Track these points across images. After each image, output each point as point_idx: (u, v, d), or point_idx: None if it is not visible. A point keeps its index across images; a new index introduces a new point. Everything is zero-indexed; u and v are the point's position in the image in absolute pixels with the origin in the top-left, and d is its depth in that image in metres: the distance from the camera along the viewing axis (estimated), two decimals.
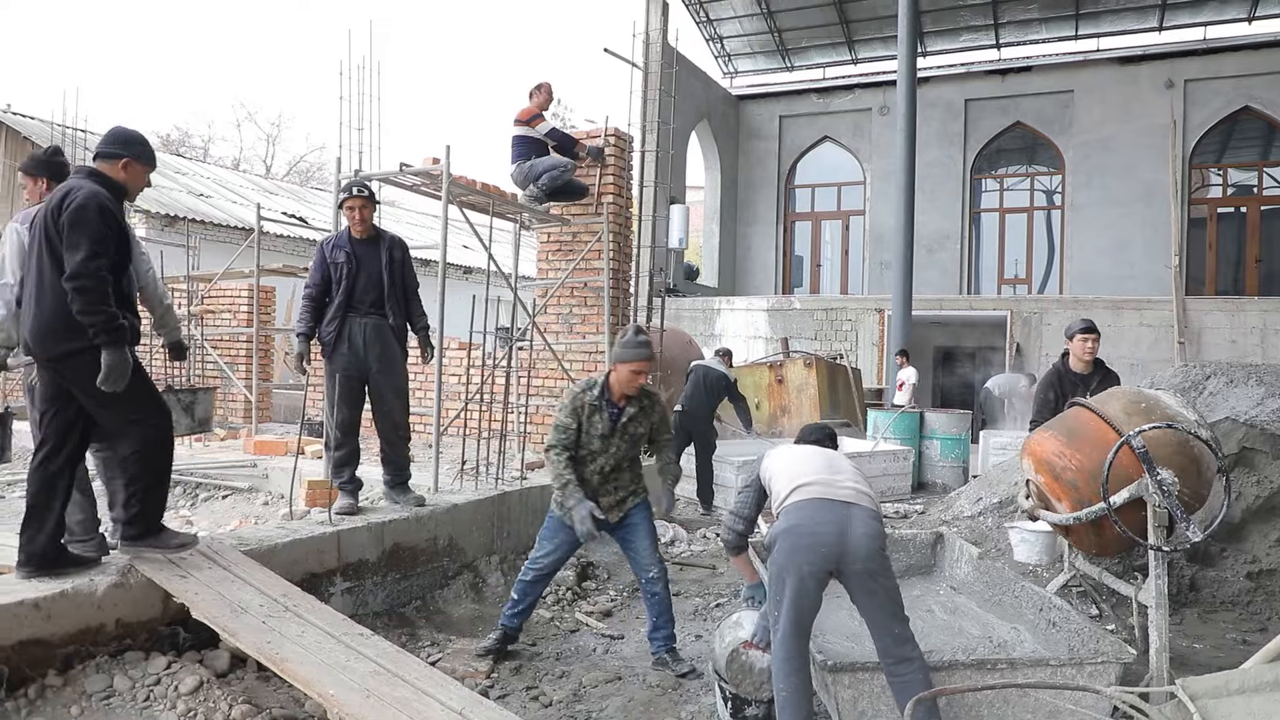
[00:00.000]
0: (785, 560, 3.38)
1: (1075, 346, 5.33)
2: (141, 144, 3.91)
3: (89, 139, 14.53)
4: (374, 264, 5.21)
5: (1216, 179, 17.80)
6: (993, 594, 5.15)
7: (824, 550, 3.33)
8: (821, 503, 3.42)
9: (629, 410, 4.40)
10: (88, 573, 3.72)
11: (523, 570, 4.56)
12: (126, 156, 3.81)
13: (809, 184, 20.93)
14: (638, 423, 4.44)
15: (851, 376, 12.71)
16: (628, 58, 8.90)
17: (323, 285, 5.17)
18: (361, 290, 5.17)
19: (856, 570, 3.33)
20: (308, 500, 5.41)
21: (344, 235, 5.26)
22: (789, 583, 3.35)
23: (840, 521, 3.35)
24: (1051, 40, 19.22)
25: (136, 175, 3.86)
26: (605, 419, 4.37)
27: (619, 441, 4.41)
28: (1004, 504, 6.98)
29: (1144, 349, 14.10)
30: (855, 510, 3.38)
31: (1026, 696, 3.70)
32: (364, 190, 5.22)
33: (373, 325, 5.19)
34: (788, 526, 3.43)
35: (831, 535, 3.33)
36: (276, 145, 41.39)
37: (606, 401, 4.38)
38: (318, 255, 5.22)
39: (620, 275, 8.16)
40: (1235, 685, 2.81)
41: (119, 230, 3.67)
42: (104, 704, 3.38)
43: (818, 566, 3.34)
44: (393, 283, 5.25)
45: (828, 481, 3.49)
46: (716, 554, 6.96)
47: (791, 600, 3.35)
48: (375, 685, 3.23)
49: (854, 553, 3.31)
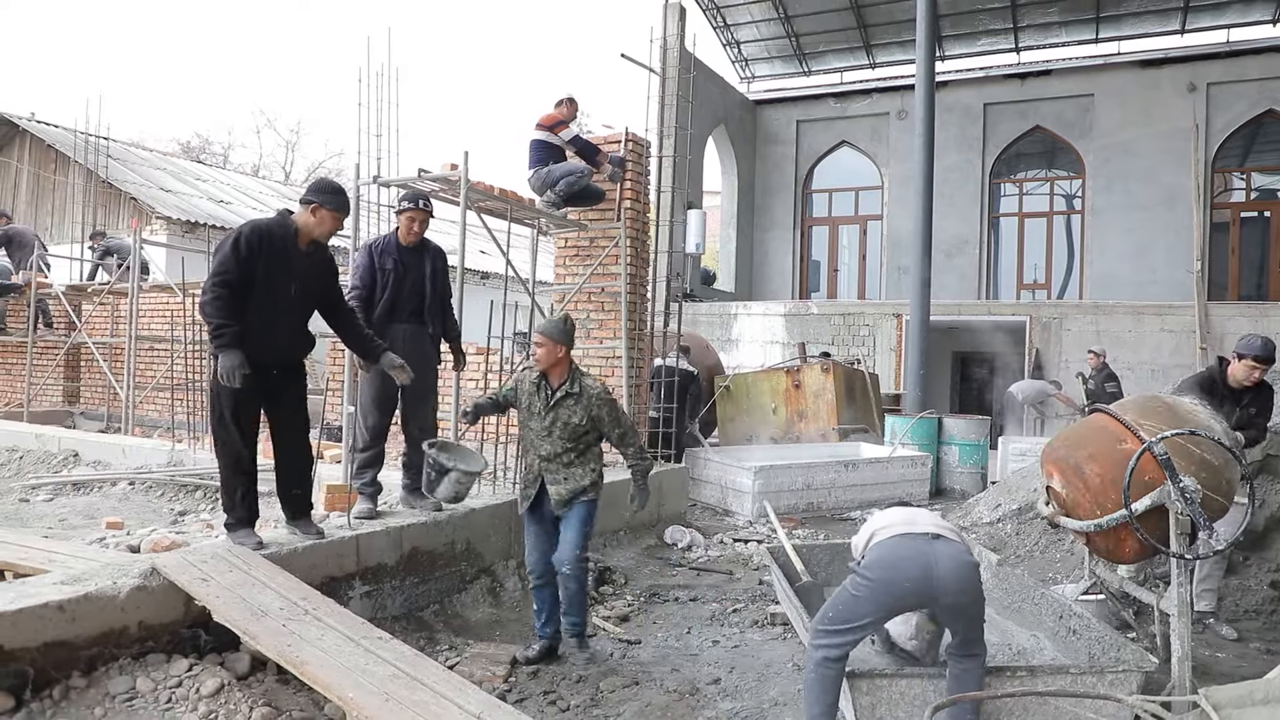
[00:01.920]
0: (864, 586, 3.44)
1: (1239, 369, 4.93)
2: (332, 193, 4.43)
3: (111, 146, 14.73)
4: (419, 272, 5.37)
5: (1239, 183, 17.61)
6: (1012, 601, 5.12)
7: (909, 586, 3.40)
8: (905, 538, 3.49)
9: (559, 393, 4.49)
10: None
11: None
12: (315, 202, 4.36)
13: (826, 189, 20.88)
14: (570, 410, 4.49)
15: (869, 382, 12.64)
16: (645, 63, 8.92)
17: (371, 287, 5.28)
18: (405, 298, 5.33)
19: (949, 603, 3.43)
20: (326, 504, 5.45)
21: (391, 241, 5.39)
22: (862, 604, 3.43)
23: (925, 558, 3.40)
24: (1071, 43, 19.07)
25: (323, 220, 4.37)
26: (541, 398, 4.51)
27: (552, 423, 4.49)
28: (1023, 510, 6.94)
29: (1165, 355, 13.97)
30: (940, 544, 3.45)
31: (1046, 704, 3.68)
32: (428, 205, 5.47)
33: (412, 332, 5.35)
34: (876, 559, 3.50)
35: (917, 572, 3.39)
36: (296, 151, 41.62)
37: (545, 382, 4.53)
38: (365, 258, 5.33)
39: (637, 280, 8.17)
40: (1260, 695, 2.78)
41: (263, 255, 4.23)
42: (127, 705, 3.42)
43: (895, 600, 3.45)
44: (434, 292, 5.43)
45: (910, 521, 3.58)
46: (733, 559, 6.96)
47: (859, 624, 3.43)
48: (394, 689, 3.24)
49: (945, 587, 3.39)
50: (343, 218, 4.45)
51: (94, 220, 14.25)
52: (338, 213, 4.39)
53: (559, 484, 4.50)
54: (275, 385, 4.41)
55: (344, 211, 4.44)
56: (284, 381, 4.47)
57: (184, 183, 17.43)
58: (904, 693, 3.66)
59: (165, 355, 11.13)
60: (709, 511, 8.88)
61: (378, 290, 5.26)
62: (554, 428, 4.49)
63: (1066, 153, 18.50)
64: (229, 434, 4.30)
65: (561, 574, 4.50)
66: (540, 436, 4.51)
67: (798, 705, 4.03)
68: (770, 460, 9.16)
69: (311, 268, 4.46)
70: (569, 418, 4.50)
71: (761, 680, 4.39)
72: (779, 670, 4.52)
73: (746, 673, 4.49)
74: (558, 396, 4.49)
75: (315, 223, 4.38)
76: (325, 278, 4.57)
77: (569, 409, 4.50)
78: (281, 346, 4.40)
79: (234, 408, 4.25)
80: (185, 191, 16.65)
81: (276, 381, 4.41)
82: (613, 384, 7.98)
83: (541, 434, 4.50)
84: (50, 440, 9.32)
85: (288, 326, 4.40)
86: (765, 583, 6.15)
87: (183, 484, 7.60)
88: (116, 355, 11.66)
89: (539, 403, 4.51)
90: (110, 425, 10.98)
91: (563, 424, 4.49)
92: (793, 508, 8.73)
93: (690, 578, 6.36)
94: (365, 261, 5.31)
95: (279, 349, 4.40)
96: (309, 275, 4.44)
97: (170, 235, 13.85)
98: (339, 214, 4.40)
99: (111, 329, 12.30)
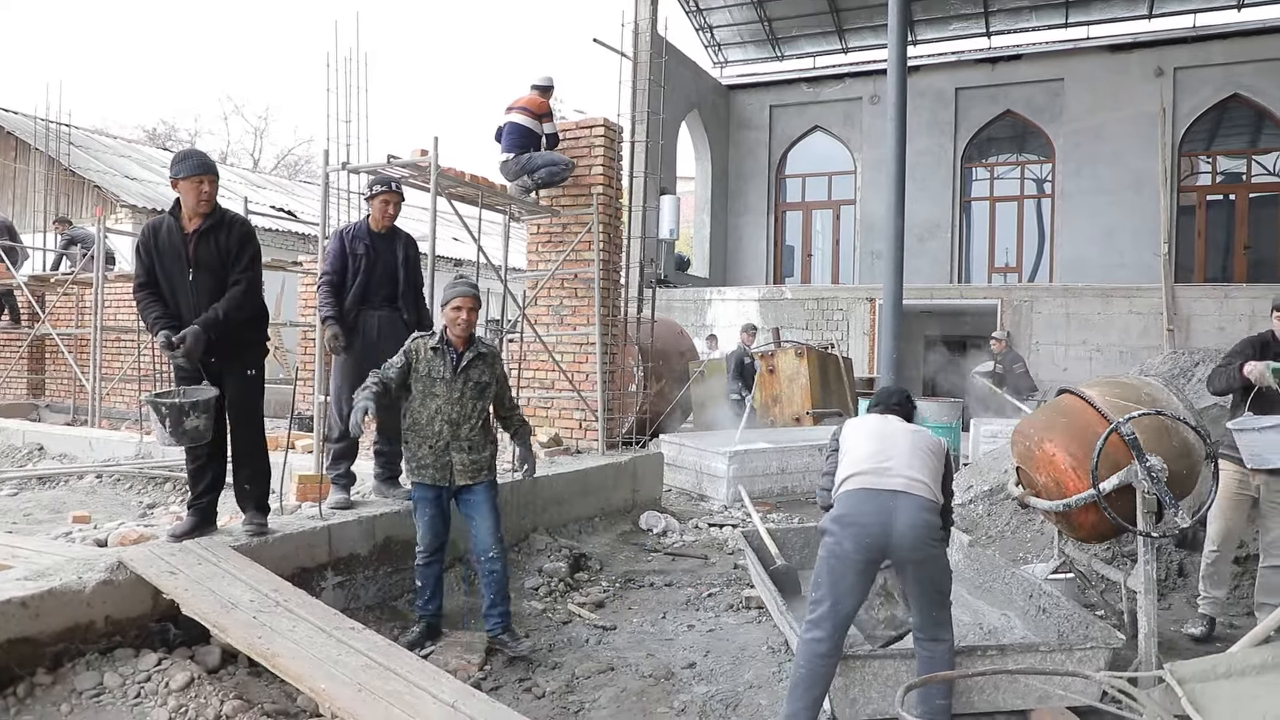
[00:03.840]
0: (830, 547, 3.49)
1: (1277, 325, 4.72)
2: (179, 161, 4.34)
3: (73, 133, 14.45)
4: (391, 258, 5.35)
5: (1206, 166, 17.82)
6: (983, 581, 5.18)
7: (867, 541, 3.41)
8: (869, 493, 3.48)
9: (468, 355, 4.42)
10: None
11: (416, 561, 4.56)
12: (171, 178, 4.29)
13: (800, 174, 20.90)
14: (480, 370, 4.46)
15: (843, 366, 12.71)
16: (617, 48, 8.87)
17: (343, 273, 5.23)
18: (377, 284, 5.29)
19: (902, 559, 3.44)
20: (298, 495, 5.39)
21: (363, 228, 5.35)
22: (832, 568, 3.46)
23: (885, 512, 3.41)
24: (1041, 28, 19.18)
25: (185, 191, 4.27)
26: (447, 362, 4.40)
27: (463, 386, 4.41)
28: (994, 491, 7.02)
29: (1133, 336, 14.14)
30: (902, 500, 3.43)
31: (1017, 682, 3.73)
32: (399, 186, 5.40)
33: (387, 318, 5.32)
34: (837, 515, 3.53)
35: (875, 526, 3.41)
36: (264, 138, 41.13)
37: (446, 345, 4.43)
38: (336, 244, 5.28)
39: (611, 266, 8.14)
40: (1222, 669, 2.83)
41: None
42: (94, 701, 3.37)
43: (860, 556, 3.43)
44: (407, 279, 5.40)
45: (878, 469, 3.53)
46: (709, 544, 6.98)
47: (831, 585, 3.45)
48: (367, 679, 3.22)
49: (899, 544, 3.40)
50: (203, 179, 4.24)
51: (56, 209, 13.97)
52: (191, 176, 4.24)
53: (465, 452, 4.41)
54: (215, 373, 4.35)
55: (199, 173, 4.24)
56: (222, 369, 4.37)
57: (150, 170, 17.14)
58: (877, 673, 3.70)
59: (132, 346, 10.96)
60: (684, 497, 8.90)
61: (349, 276, 5.22)
62: (465, 389, 4.41)
63: (1037, 137, 18.63)
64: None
65: (487, 561, 4.42)
66: (450, 401, 4.38)
67: (773, 688, 4.06)
68: (745, 445, 9.19)
69: (207, 249, 4.30)
70: (479, 377, 4.45)
71: (736, 664, 4.41)
72: (754, 654, 4.54)
73: (721, 656, 4.51)
74: (469, 358, 4.42)
75: (182, 198, 4.29)
76: (224, 254, 4.34)
77: (479, 369, 4.45)
78: None
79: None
80: (151, 179, 16.37)
81: (215, 369, 4.34)
82: (586, 370, 7.96)
83: (451, 399, 4.38)
84: (14, 434, 9.17)
85: (196, 313, 4.27)
86: (740, 567, 6.18)
87: (151, 476, 7.50)
88: (82, 347, 11.48)
89: (443, 368, 4.39)
90: (76, 418, 10.81)
91: (474, 385, 4.43)
92: (768, 492, 8.77)
93: (665, 563, 6.38)
94: (336, 247, 5.26)
95: None
96: (203, 258, 4.30)
97: (136, 224, 13.61)
98: (193, 177, 4.23)
99: (76, 320, 12.10)
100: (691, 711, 3.89)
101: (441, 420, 4.40)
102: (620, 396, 8.48)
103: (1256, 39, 16.56)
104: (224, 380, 4.39)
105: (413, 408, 4.46)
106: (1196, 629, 4.73)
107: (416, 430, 4.44)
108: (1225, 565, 4.79)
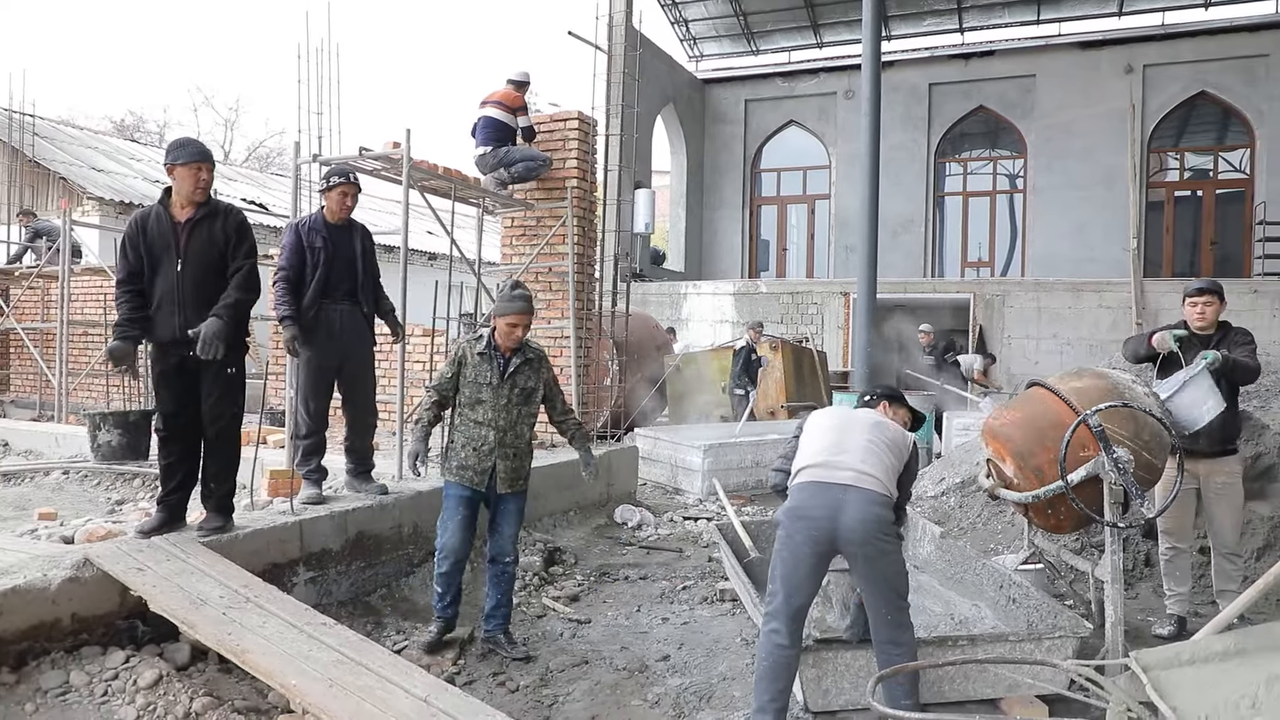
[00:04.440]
0: (782, 540, 3.50)
1: (1187, 311, 4.78)
2: (178, 147, 4.28)
3: (37, 124, 14.19)
4: (349, 250, 5.26)
5: (1174, 163, 18.05)
6: (955, 572, 5.23)
7: (816, 534, 3.40)
8: (819, 486, 3.48)
9: (515, 361, 4.38)
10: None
11: (436, 561, 4.45)
12: (168, 164, 4.25)
13: (775, 168, 20.95)
14: (526, 375, 4.42)
15: (818, 359, 12.77)
16: (591, 40, 8.84)
17: (300, 268, 5.11)
18: (338, 277, 5.20)
19: (852, 553, 3.42)
20: (270, 490, 5.34)
21: (319, 220, 5.24)
22: (784, 560, 3.47)
23: (834, 505, 3.40)
24: (1014, 24, 19.34)
25: (181, 178, 4.22)
26: (494, 368, 4.36)
27: (509, 392, 4.37)
28: (966, 484, 7.08)
29: (1103, 330, 14.31)
30: (852, 493, 3.41)
31: (986, 671, 3.77)
32: (356, 177, 5.30)
33: (349, 312, 5.25)
34: (789, 507, 3.53)
35: (825, 519, 3.39)
36: (235, 130, 40.52)
37: (494, 351, 4.38)
38: (292, 237, 5.16)
39: (585, 260, 8.12)
40: (1186, 656, 2.87)
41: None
42: (60, 700, 3.33)
43: (810, 549, 3.42)
44: (365, 270, 5.32)
45: (830, 463, 3.51)
46: (683, 537, 7.00)
47: (783, 578, 3.46)
48: (338, 674, 3.20)
49: (848, 537, 3.38)
50: (201, 166, 4.21)
51: (20, 201, 13.72)
52: (190, 163, 4.20)
53: (509, 460, 4.38)
54: (193, 370, 4.27)
55: (197, 159, 4.22)
56: (201, 365, 4.26)
57: (117, 162, 16.87)
58: (849, 664, 3.73)
59: (99, 341, 10.80)
60: (659, 490, 8.91)
61: (308, 270, 5.10)
62: (512, 395, 4.37)
63: (1009, 133, 18.79)
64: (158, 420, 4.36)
65: (503, 564, 4.41)
66: (496, 408, 4.34)
67: (746, 680, 4.08)
68: (720, 438, 9.21)
69: (199, 238, 4.23)
70: (525, 383, 4.42)
71: (710, 656, 4.43)
72: (728, 645, 4.56)
73: (695, 649, 4.52)
74: (516, 363, 4.38)
75: (178, 184, 4.24)
76: (220, 245, 4.29)
77: (525, 375, 4.41)
78: (180, 326, 4.21)
79: (155, 390, 4.32)
80: (119, 171, 16.12)
81: (193, 366, 4.26)
82: (561, 364, 7.94)
83: (498, 405, 4.34)
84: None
85: (183, 305, 4.21)
86: (715, 560, 6.20)
87: (120, 473, 7.39)
88: (48, 341, 11.29)
89: (491, 373, 4.34)
90: (43, 413, 10.63)
91: (520, 390, 4.40)
92: (742, 485, 8.80)
93: (640, 556, 6.39)
94: (293, 241, 5.13)
95: (175, 329, 4.21)
96: (195, 247, 4.23)
97: (104, 216, 13.39)
98: (192, 164, 4.20)
99: (42, 314, 11.90)
100: (665, 704, 3.90)
101: (488, 426, 4.34)
102: (595, 390, 8.47)
103: (1223, 37, 16.80)
104: (202, 377, 4.31)
105: (461, 412, 4.42)
106: (1165, 629, 4.70)
107: (463, 432, 4.38)
108: (1184, 559, 4.81)
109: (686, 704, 3.89)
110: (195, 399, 4.32)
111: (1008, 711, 3.69)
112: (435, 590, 4.44)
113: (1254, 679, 2.66)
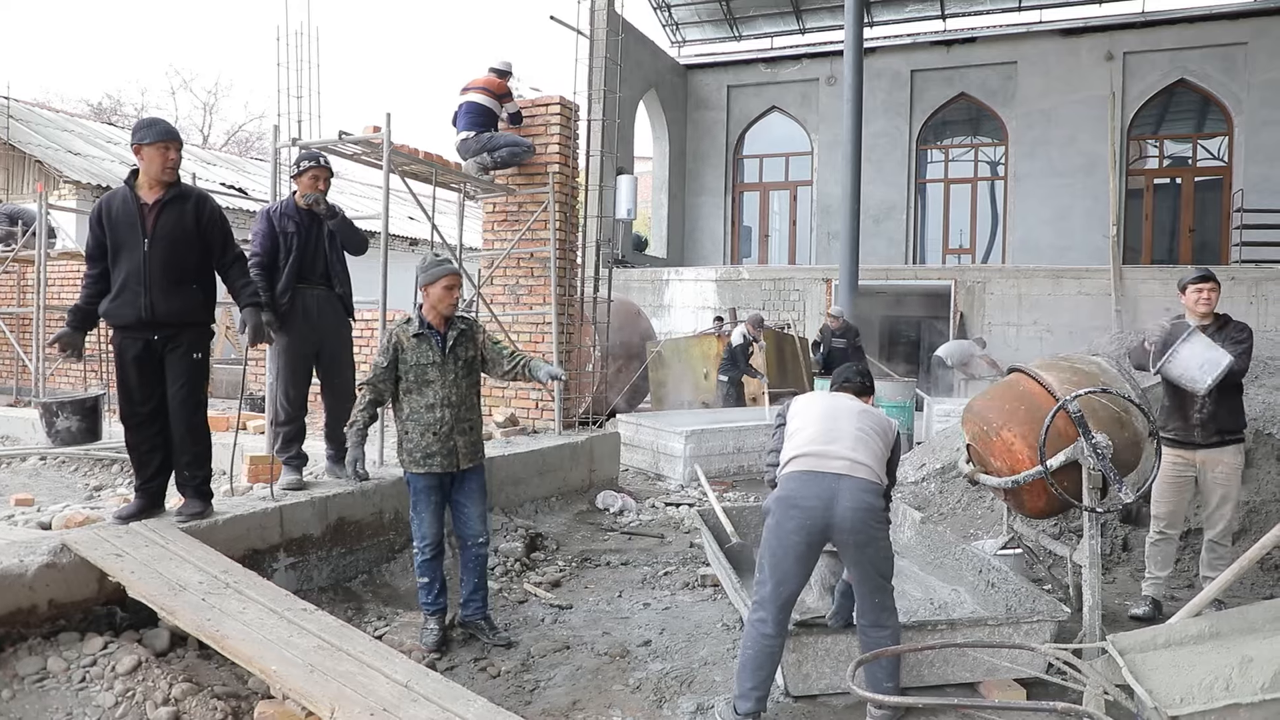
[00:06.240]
0: (771, 528, 3.49)
1: (1188, 299, 4.73)
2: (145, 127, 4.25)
3: (12, 106, 13.97)
4: (320, 234, 5.20)
5: (1153, 150, 18.18)
6: (934, 557, 5.27)
7: (809, 523, 3.41)
8: (812, 475, 3.47)
9: (452, 334, 4.28)
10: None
11: (417, 552, 4.36)
12: (134, 144, 4.18)
13: (757, 154, 20.94)
14: (465, 346, 4.33)
15: (799, 346, 12.81)
16: (573, 25, 8.78)
17: (274, 254, 5.07)
18: (311, 261, 5.16)
19: (844, 541, 3.43)
20: (250, 476, 5.31)
21: (290, 204, 5.21)
22: (773, 548, 3.46)
23: (828, 495, 3.41)
24: (995, 11, 19.37)
25: (149, 158, 4.17)
26: (434, 345, 4.24)
27: (455, 366, 4.28)
28: (946, 469, 7.13)
29: (1083, 316, 14.42)
30: (845, 482, 3.42)
31: (965, 655, 3.80)
32: (328, 161, 5.26)
33: (325, 296, 5.22)
34: (780, 495, 3.52)
35: (818, 509, 3.40)
36: (214, 114, 39.96)
37: (429, 329, 4.27)
38: (264, 224, 5.11)
39: (567, 246, 8.09)
40: (1161, 640, 2.91)
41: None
42: (37, 686, 3.31)
43: (801, 538, 3.43)
44: (334, 252, 5.27)
45: (822, 452, 3.51)
46: (665, 523, 7.01)
47: (773, 566, 3.46)
48: (319, 660, 3.19)
49: (841, 526, 3.39)
50: (169, 145, 4.15)
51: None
52: (157, 142, 4.13)
53: (466, 434, 4.30)
54: (158, 352, 4.23)
55: (164, 138, 4.15)
56: (166, 350, 4.23)
57: (94, 145, 16.63)
58: (829, 649, 3.75)
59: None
60: (641, 476, 8.92)
61: (281, 255, 5.06)
62: (458, 369, 4.29)
63: (990, 120, 18.85)
64: (121, 404, 4.32)
65: (475, 546, 4.34)
66: (446, 385, 4.23)
67: (727, 664, 4.10)
68: (701, 424, 9.23)
69: (168, 219, 4.17)
70: (466, 354, 4.33)
71: (691, 641, 4.45)
72: (709, 631, 4.58)
73: (677, 634, 4.54)
74: (453, 336, 4.28)
75: (145, 165, 4.17)
76: (190, 228, 4.23)
77: (464, 345, 4.33)
78: (146, 306, 4.15)
79: (119, 377, 4.28)
80: (95, 154, 15.89)
81: (157, 349, 4.22)
82: (543, 349, 7.93)
83: (447, 382, 4.24)
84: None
85: (150, 286, 4.14)
86: (696, 545, 6.22)
87: (98, 459, 7.32)
88: (24, 326, 11.16)
89: (432, 351, 4.23)
90: (20, 399, 10.52)
91: (464, 363, 4.31)
92: (724, 471, 8.82)
93: (622, 542, 6.40)
94: (264, 228, 5.08)
95: (141, 310, 4.15)
96: (163, 228, 4.16)
97: (80, 200, 13.21)
98: (159, 143, 4.13)
99: (18, 298, 11.75)
100: (647, 688, 3.91)
101: (441, 406, 4.23)
102: (577, 376, 8.46)
103: (1202, 25, 16.90)
104: (166, 362, 4.26)
105: (409, 399, 4.26)
106: (1140, 609, 4.76)
107: (416, 420, 4.22)
108: (1170, 546, 4.86)
109: (668, 688, 3.91)
110: (162, 384, 4.27)
111: (986, 695, 3.72)
112: (421, 583, 4.34)
113: (1228, 661, 2.71)
